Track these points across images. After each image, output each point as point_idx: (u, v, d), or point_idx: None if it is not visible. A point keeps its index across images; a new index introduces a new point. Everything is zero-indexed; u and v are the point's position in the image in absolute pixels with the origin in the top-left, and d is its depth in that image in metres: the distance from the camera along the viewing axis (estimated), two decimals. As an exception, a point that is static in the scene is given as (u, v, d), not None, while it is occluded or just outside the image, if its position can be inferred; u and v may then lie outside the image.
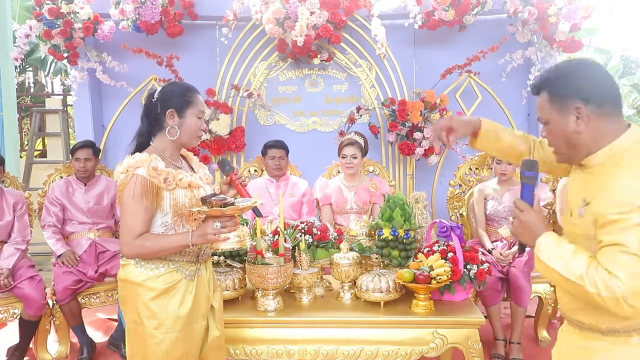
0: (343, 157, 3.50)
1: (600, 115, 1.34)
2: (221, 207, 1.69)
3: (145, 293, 1.81)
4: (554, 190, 3.60)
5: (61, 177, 3.67)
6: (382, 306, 2.34)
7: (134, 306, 1.84)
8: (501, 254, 3.23)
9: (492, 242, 3.38)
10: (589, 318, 1.39)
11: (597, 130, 1.35)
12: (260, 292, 2.39)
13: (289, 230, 2.53)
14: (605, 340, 1.37)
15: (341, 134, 4.23)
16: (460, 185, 3.85)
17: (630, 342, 1.34)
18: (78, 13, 4.01)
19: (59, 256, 3.25)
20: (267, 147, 3.68)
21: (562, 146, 1.42)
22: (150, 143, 1.97)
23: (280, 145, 3.66)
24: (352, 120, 4.27)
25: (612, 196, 1.27)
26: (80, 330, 3.28)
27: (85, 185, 3.50)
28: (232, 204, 1.74)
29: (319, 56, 4.23)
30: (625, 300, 1.21)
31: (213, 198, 1.76)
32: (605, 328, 1.36)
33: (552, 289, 3.36)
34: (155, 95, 1.91)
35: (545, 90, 1.40)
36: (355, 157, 3.46)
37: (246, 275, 2.39)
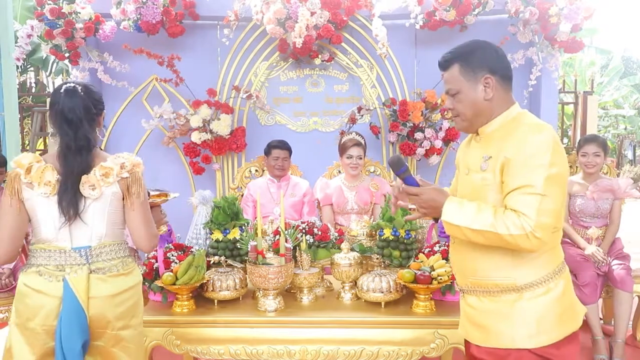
0: (348, 158, 3.49)
1: (502, 87, 1.56)
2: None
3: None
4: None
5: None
6: (382, 306, 2.35)
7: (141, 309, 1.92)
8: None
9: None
10: (504, 279, 1.50)
11: (500, 100, 1.56)
12: (261, 292, 2.39)
13: (289, 230, 2.53)
14: (524, 296, 1.49)
15: (342, 134, 4.23)
16: (462, 185, 3.84)
17: (552, 290, 1.49)
18: (79, 13, 4.01)
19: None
20: (271, 147, 3.67)
21: (469, 113, 1.58)
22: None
23: (284, 146, 3.66)
24: (353, 121, 4.27)
25: (518, 145, 1.44)
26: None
27: None
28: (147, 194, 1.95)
29: (320, 56, 4.23)
30: (534, 234, 1.36)
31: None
32: (521, 285, 1.49)
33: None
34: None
35: (457, 64, 1.58)
36: (360, 158, 3.48)
37: (247, 275, 2.40)
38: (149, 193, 1.99)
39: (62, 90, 1.81)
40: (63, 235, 1.78)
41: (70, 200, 1.74)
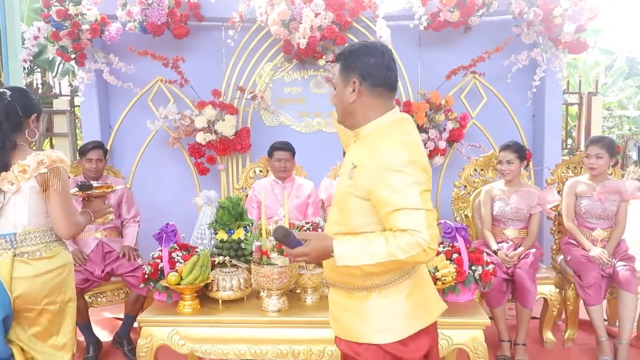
0: None
1: (372, 94, 1.58)
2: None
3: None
4: (559, 192, 3.59)
5: (68, 177, 3.69)
6: (386, 307, 2.35)
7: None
8: (506, 255, 3.23)
9: (497, 243, 3.37)
10: (357, 279, 1.57)
11: (367, 106, 1.59)
12: (265, 292, 2.40)
13: (294, 230, 2.54)
14: (373, 295, 1.57)
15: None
16: (465, 186, 3.84)
17: (397, 292, 1.56)
18: (85, 15, 4.04)
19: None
20: (273, 148, 3.67)
21: (339, 110, 1.66)
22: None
23: (287, 147, 3.66)
24: (357, 121, 4.27)
25: (375, 160, 1.48)
26: (86, 329, 3.30)
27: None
28: (90, 187, 2.21)
29: (324, 57, 4.24)
30: (430, 247, 1.42)
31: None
32: (371, 285, 1.56)
33: (557, 290, 3.35)
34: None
35: (340, 61, 1.63)
36: None
37: (251, 276, 2.41)
38: (91, 186, 2.24)
39: None
40: None
41: None
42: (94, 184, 2.40)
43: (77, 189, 2.35)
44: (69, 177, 3.64)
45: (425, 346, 1.62)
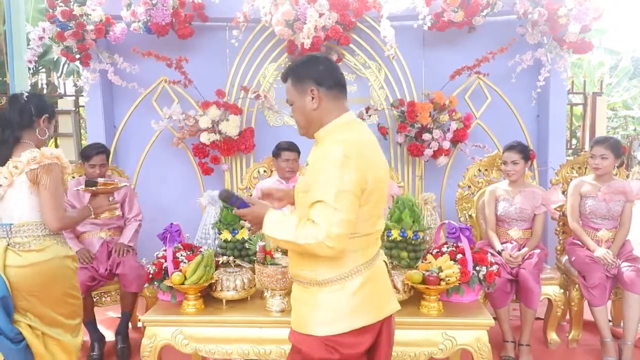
0: None
1: (329, 97, 1.69)
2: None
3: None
4: (564, 192, 3.58)
5: (73, 177, 3.71)
6: (390, 307, 2.35)
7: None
8: (511, 256, 3.22)
9: (501, 243, 3.37)
10: (310, 273, 1.66)
11: (327, 110, 1.69)
12: (269, 292, 2.40)
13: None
14: (323, 290, 1.65)
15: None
16: (470, 186, 3.84)
17: (346, 288, 1.63)
18: (90, 15, 4.05)
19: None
20: (280, 149, 3.66)
21: (302, 122, 1.74)
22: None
23: (294, 148, 3.66)
24: (361, 122, 4.27)
25: (318, 158, 1.60)
26: (92, 326, 3.32)
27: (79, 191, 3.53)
28: (95, 183, 2.32)
29: (328, 57, 4.24)
30: (325, 243, 1.51)
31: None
32: (322, 280, 1.64)
33: (561, 291, 3.34)
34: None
35: (290, 77, 1.73)
36: None
37: (255, 276, 2.41)
38: (96, 183, 2.37)
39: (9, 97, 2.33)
40: None
41: None
42: (100, 180, 2.52)
43: (82, 186, 2.49)
44: (74, 177, 3.69)
45: (366, 343, 1.67)
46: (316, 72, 1.69)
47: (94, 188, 2.44)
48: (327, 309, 1.64)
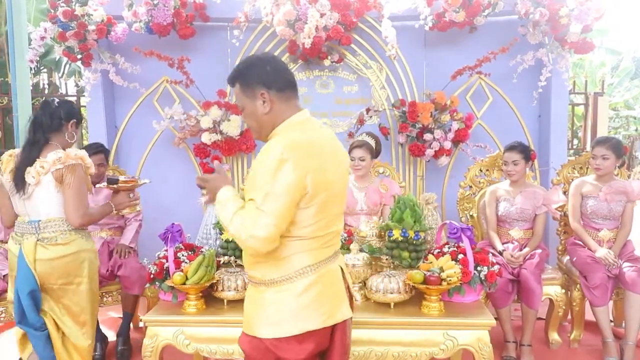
0: (352, 160, 3.50)
1: (281, 99, 1.64)
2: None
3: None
4: (565, 192, 3.58)
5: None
6: (392, 307, 2.35)
7: None
8: (512, 256, 3.22)
9: (503, 243, 3.37)
10: (258, 272, 1.64)
11: (279, 112, 1.64)
12: (270, 292, 2.40)
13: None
14: (269, 290, 1.62)
15: (350, 135, 4.24)
16: (471, 186, 3.83)
17: (291, 289, 1.59)
18: (92, 15, 4.05)
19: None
20: None
21: (255, 126, 1.70)
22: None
23: None
24: (361, 122, 4.28)
25: (258, 158, 1.56)
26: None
27: (94, 186, 3.53)
28: (116, 181, 2.39)
29: (329, 57, 4.24)
30: (246, 242, 1.51)
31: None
32: (268, 280, 1.62)
33: (563, 291, 3.34)
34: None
35: (237, 82, 1.67)
36: (363, 160, 3.44)
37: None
38: (117, 180, 2.47)
39: (40, 103, 2.49)
40: (23, 210, 2.42)
41: (18, 184, 2.36)
42: (121, 178, 2.59)
43: (104, 183, 2.60)
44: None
45: (308, 351, 1.60)
46: (264, 74, 1.62)
47: (115, 185, 2.54)
48: (271, 310, 1.60)
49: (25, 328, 2.41)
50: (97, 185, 2.95)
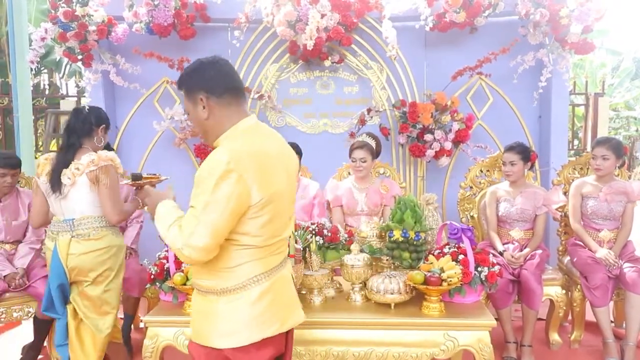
0: (353, 161, 3.50)
1: (221, 105, 1.61)
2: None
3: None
4: (565, 193, 3.58)
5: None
6: (392, 308, 2.35)
7: None
8: (512, 256, 3.22)
9: (503, 244, 3.37)
10: (207, 282, 1.62)
11: (221, 118, 1.62)
12: (271, 292, 2.40)
13: (299, 231, 2.54)
14: (221, 300, 1.60)
15: (352, 135, 4.24)
16: (471, 187, 3.83)
17: (245, 297, 1.58)
18: (92, 16, 4.06)
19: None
20: None
21: (200, 131, 1.70)
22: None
23: (296, 149, 3.65)
24: (362, 122, 4.28)
25: (205, 162, 1.53)
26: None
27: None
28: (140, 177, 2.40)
29: (330, 58, 4.25)
30: (181, 251, 1.51)
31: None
32: (220, 289, 1.60)
33: (563, 291, 3.34)
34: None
35: (183, 87, 1.68)
36: (364, 161, 3.44)
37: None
38: (141, 176, 2.53)
39: (72, 109, 2.73)
40: (58, 209, 2.60)
41: (54, 185, 2.53)
42: (144, 174, 2.64)
43: (128, 180, 2.63)
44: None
45: (267, 357, 1.62)
46: (204, 79, 1.61)
47: (139, 182, 2.59)
48: (226, 319, 1.58)
49: (50, 314, 2.64)
50: (122, 183, 3.00)
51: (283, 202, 1.63)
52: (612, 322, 3.44)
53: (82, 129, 2.60)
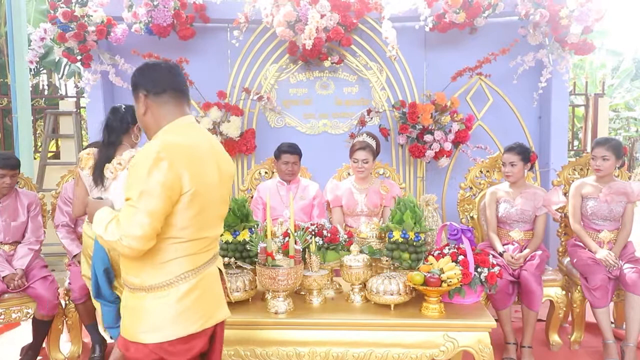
0: (354, 162, 3.49)
1: (158, 103, 1.70)
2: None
3: None
4: (565, 194, 3.57)
5: (74, 179, 3.71)
6: (392, 309, 2.35)
7: None
8: (512, 257, 3.21)
9: (503, 245, 3.36)
10: (136, 279, 1.65)
11: (158, 115, 1.71)
12: (270, 293, 2.40)
13: (299, 232, 2.54)
14: (149, 296, 1.63)
15: (352, 136, 4.24)
16: (471, 188, 3.83)
17: (172, 294, 1.61)
18: (92, 16, 4.06)
19: (75, 256, 3.30)
20: (281, 151, 3.65)
21: (142, 126, 1.79)
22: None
23: (295, 150, 3.65)
24: (362, 123, 4.28)
25: (137, 155, 1.59)
26: (93, 328, 3.31)
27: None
28: None
29: (329, 59, 4.24)
30: (120, 241, 1.52)
31: None
32: (148, 286, 1.63)
33: (563, 292, 3.33)
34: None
35: (131, 86, 1.77)
36: (366, 162, 3.44)
37: (256, 277, 2.40)
38: None
39: (110, 108, 2.83)
40: None
41: (97, 179, 2.66)
42: None
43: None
44: (74, 179, 3.69)
45: (195, 349, 1.67)
46: (144, 78, 1.72)
47: None
48: (153, 315, 1.62)
49: (100, 300, 2.69)
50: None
51: (213, 196, 1.68)
52: (612, 323, 3.44)
53: (121, 126, 2.72)
